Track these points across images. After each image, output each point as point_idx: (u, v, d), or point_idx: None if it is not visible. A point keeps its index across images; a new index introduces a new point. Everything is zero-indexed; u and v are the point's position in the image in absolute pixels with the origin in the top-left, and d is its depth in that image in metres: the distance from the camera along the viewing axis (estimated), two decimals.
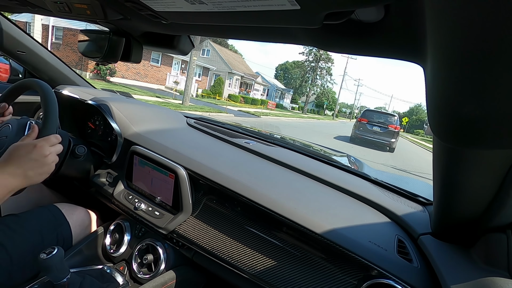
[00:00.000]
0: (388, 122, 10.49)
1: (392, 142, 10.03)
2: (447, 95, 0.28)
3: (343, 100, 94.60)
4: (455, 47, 0.23)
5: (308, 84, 42.85)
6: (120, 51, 0.80)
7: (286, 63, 49.81)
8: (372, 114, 10.97)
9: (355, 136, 10.82)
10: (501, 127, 0.27)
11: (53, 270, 0.66)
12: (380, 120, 10.56)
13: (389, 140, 10.08)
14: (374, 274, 0.62)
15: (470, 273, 0.52)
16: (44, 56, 1.37)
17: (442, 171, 0.48)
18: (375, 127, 10.45)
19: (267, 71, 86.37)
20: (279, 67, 56.51)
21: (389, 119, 10.65)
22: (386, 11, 0.35)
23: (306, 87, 43.10)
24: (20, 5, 0.78)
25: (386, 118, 10.74)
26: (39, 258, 0.64)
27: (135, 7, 0.50)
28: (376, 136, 10.33)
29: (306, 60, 42.39)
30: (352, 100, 52.91)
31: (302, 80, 43.86)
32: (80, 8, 0.60)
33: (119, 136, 1.04)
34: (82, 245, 0.95)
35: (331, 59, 41.84)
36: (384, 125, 10.40)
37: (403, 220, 0.76)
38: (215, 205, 0.87)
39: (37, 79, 0.81)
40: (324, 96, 46.01)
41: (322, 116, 45.28)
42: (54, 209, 0.92)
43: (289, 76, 48.22)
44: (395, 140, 10.06)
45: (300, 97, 43.15)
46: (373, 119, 10.62)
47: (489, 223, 0.52)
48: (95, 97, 1.14)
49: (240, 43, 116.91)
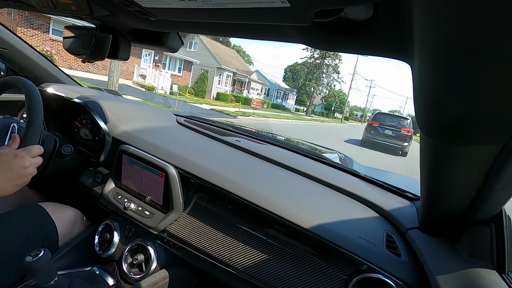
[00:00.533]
0: (400, 125, 10.19)
1: (405, 146, 9.73)
2: (433, 92, 0.29)
3: (355, 103, 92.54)
4: (442, 45, 0.24)
5: (312, 83, 36.67)
6: (107, 48, 0.78)
7: (295, 64, 44.55)
8: (384, 117, 10.79)
9: (366, 140, 10.61)
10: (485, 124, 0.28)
11: (39, 273, 0.64)
12: (393, 124, 10.30)
13: (402, 144, 9.79)
14: (364, 268, 0.64)
15: (455, 265, 0.54)
16: (27, 53, 1.33)
17: (428, 167, 0.49)
18: (387, 131, 10.20)
19: (278, 73, 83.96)
20: (288, 69, 52.34)
21: (401, 122, 10.34)
22: (374, 9, 0.35)
23: (309, 86, 37.19)
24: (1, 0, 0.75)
25: (399, 121, 10.42)
26: (25, 261, 0.62)
27: (122, 3, 0.49)
28: (388, 139, 10.11)
29: (310, 57, 35.71)
30: (364, 103, 50.14)
31: (305, 79, 37.60)
32: (64, 4, 0.58)
33: (107, 135, 1.02)
34: (70, 247, 0.93)
35: (338, 55, 35.16)
36: (397, 128, 10.10)
37: (392, 215, 0.78)
38: (206, 203, 0.87)
39: (21, 77, 0.79)
40: (331, 97, 40.49)
41: (329, 119, 42.07)
42: (39, 208, 0.90)
43: (297, 77, 43.52)
44: (407, 144, 9.77)
45: (309, 99, 38.42)
46: (385, 122, 10.38)
47: (473, 217, 0.53)
48: (82, 95, 1.11)
49: (252, 47, 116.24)
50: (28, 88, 0.75)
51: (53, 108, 1.16)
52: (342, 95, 46.07)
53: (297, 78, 40.19)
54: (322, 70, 36.01)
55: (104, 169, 1.05)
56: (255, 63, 62.78)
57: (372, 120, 10.96)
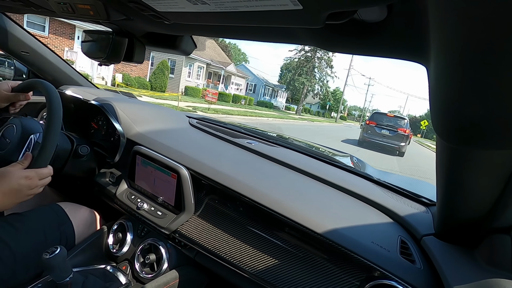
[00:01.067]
0: (397, 125, 10.24)
1: (402, 146, 9.79)
2: (450, 95, 0.28)
3: (354, 103, 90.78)
4: (459, 47, 0.23)
5: (302, 78, 31.37)
6: (123, 52, 0.80)
7: (291, 61, 37.32)
8: (381, 116, 10.80)
9: (363, 140, 10.59)
10: (504, 128, 0.27)
11: (55, 269, 0.66)
12: (390, 123, 10.33)
13: (399, 143, 9.84)
14: (376, 275, 0.62)
15: (473, 274, 0.52)
16: (47, 57, 1.38)
17: (445, 172, 0.48)
18: (384, 130, 10.24)
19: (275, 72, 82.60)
20: (284, 67, 46.37)
21: (399, 122, 10.40)
22: (389, 11, 0.34)
23: (299, 82, 31.62)
24: (24, 5, 0.78)
25: (396, 121, 10.47)
26: (42, 258, 0.65)
27: (138, 7, 0.50)
28: (385, 139, 10.13)
29: (301, 49, 31.42)
30: (363, 103, 47.10)
31: (294, 73, 32.00)
32: (83, 9, 0.60)
33: (122, 136, 1.04)
34: (85, 245, 0.96)
35: None
36: (394, 128, 10.14)
37: (406, 221, 0.76)
38: (217, 205, 0.87)
39: (43, 80, 0.82)
40: (324, 94, 34.50)
41: (323, 118, 40.38)
42: (57, 208, 0.93)
43: (287, 72, 36.77)
44: (404, 144, 9.84)
45: (299, 96, 33.54)
46: (382, 122, 10.42)
47: (492, 224, 0.51)
48: (98, 97, 1.14)
49: (252, 48, 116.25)
50: (49, 91, 0.77)
51: (71, 109, 1.20)
52: (339, 93, 42.42)
53: (286, 73, 34.08)
54: (313, 64, 31.68)
55: (119, 169, 1.08)
56: (251, 61, 60.09)
57: (369, 119, 10.92)
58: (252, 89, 32.84)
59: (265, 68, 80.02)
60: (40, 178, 0.69)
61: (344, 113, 51.08)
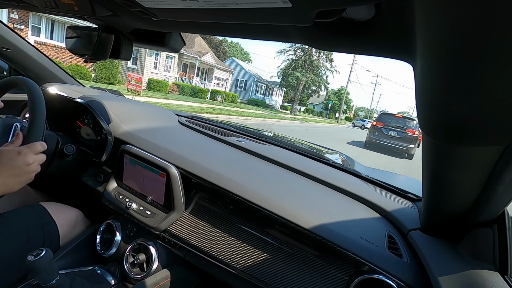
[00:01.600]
0: (406, 126, 9.69)
1: (411, 148, 9.28)
2: (435, 93, 0.29)
3: (361, 104, 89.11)
4: (444, 46, 0.24)
5: (297, 73, 27.74)
6: (109, 48, 0.78)
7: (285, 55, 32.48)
8: (388, 117, 10.31)
9: (370, 141, 10.18)
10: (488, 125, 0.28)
11: (41, 272, 0.65)
12: (398, 125, 9.80)
13: (407, 146, 9.35)
14: (365, 269, 0.63)
15: (457, 266, 0.54)
16: (30, 53, 1.33)
17: (431, 168, 0.49)
18: (392, 132, 9.74)
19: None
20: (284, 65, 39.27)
21: (407, 123, 9.84)
22: (376, 9, 0.35)
23: (293, 77, 27.99)
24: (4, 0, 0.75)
25: (404, 122, 9.90)
26: (27, 260, 0.63)
27: (125, 3, 0.49)
28: (392, 141, 9.64)
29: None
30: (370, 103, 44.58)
31: (288, 67, 28.60)
32: (67, 4, 0.59)
33: (109, 134, 1.02)
34: (72, 246, 0.93)
35: None
36: (402, 129, 9.62)
37: (393, 216, 0.77)
38: (207, 203, 0.87)
39: (24, 77, 0.79)
40: (325, 91, 30.10)
41: (323, 119, 35.86)
42: (40, 208, 0.90)
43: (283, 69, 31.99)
44: (414, 146, 9.31)
45: (295, 93, 29.65)
46: (389, 123, 9.93)
47: (476, 219, 0.53)
48: (84, 95, 1.12)
49: (256, 47, 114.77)
50: (30, 88, 0.75)
51: (56, 108, 1.16)
52: (344, 92, 38.80)
53: (283, 70, 29.40)
54: (310, 57, 28.19)
55: (106, 168, 1.06)
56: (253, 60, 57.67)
57: (376, 120, 10.54)
58: (243, 86, 29.27)
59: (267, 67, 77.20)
60: (34, 153, 0.66)
61: (350, 113, 49.15)
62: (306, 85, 28.62)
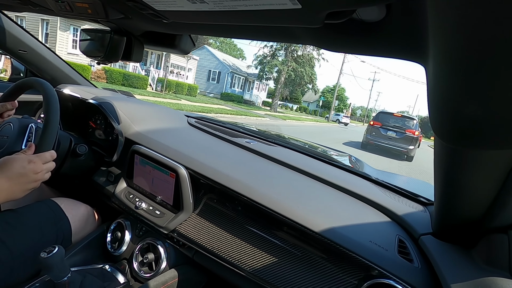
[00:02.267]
0: (405, 126, 9.07)
1: (410, 149, 8.69)
2: (448, 95, 0.28)
3: (360, 103, 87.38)
4: (457, 47, 0.23)
5: (275, 61, 23.37)
6: (121, 51, 0.80)
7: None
8: (387, 117, 9.62)
9: (367, 142, 9.52)
10: (502, 128, 0.27)
11: (53, 269, 0.66)
12: (396, 124, 9.16)
13: (406, 147, 8.76)
14: (374, 274, 0.62)
15: (471, 273, 0.52)
16: (45, 55, 1.37)
17: (443, 171, 0.48)
18: (390, 132, 9.11)
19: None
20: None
21: (406, 123, 9.22)
22: (387, 10, 0.34)
23: (270, 65, 23.31)
24: (22, 4, 0.78)
25: (404, 121, 9.27)
26: (40, 257, 0.65)
27: (137, 6, 0.50)
28: (391, 142, 9.03)
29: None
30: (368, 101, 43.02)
31: (266, 56, 23.90)
32: (81, 7, 0.60)
33: (120, 135, 1.04)
34: (83, 244, 0.95)
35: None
36: (401, 129, 8.98)
37: (404, 220, 0.76)
38: (216, 204, 0.87)
39: (40, 79, 0.81)
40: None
41: (311, 117, 32.10)
42: (53, 204, 0.92)
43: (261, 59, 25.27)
44: (413, 147, 8.73)
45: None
46: (388, 123, 9.26)
47: (490, 224, 0.51)
48: (96, 96, 1.14)
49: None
50: (46, 90, 0.77)
51: (69, 108, 1.19)
52: (340, 90, 35.57)
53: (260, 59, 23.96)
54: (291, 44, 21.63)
55: (117, 168, 1.07)
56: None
57: (373, 120, 9.76)
58: (216, 78, 25.35)
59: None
60: (43, 162, 0.69)
61: (347, 112, 45.79)
62: (287, 76, 23.57)
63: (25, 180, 0.65)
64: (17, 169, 0.63)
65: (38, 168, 0.67)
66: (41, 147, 0.71)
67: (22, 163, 0.64)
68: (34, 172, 0.66)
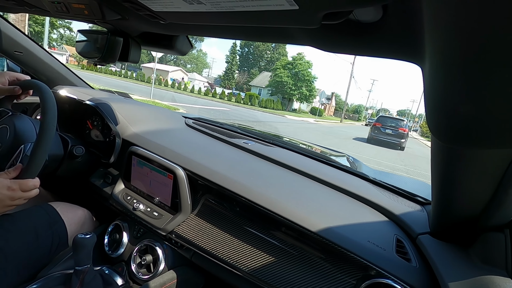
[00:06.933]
0: (398, 125, 12.70)
1: (402, 142, 12.29)
2: (444, 95, 0.29)
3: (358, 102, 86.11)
4: (452, 47, 0.23)
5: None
6: (118, 52, 0.80)
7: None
8: (385, 119, 13.51)
9: (371, 138, 13.12)
10: (498, 127, 0.27)
11: (83, 251, 0.68)
12: (392, 124, 12.82)
13: (399, 140, 12.28)
14: (373, 273, 0.63)
15: (468, 272, 0.52)
16: (41, 57, 1.37)
17: (440, 171, 0.48)
18: (388, 130, 12.67)
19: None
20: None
21: (399, 123, 12.92)
22: (384, 11, 0.35)
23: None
24: (17, 5, 0.77)
25: (397, 122, 13.01)
26: (76, 237, 0.68)
27: (133, 7, 0.50)
28: (388, 137, 12.53)
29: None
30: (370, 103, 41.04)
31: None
32: (77, 8, 0.60)
33: (117, 136, 1.03)
34: None
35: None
36: (395, 128, 12.59)
37: (402, 220, 0.76)
38: (214, 205, 0.87)
39: (38, 82, 0.80)
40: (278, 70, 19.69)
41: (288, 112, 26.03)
42: (49, 207, 0.91)
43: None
44: (404, 140, 12.39)
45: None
46: (386, 123, 12.91)
47: (487, 223, 0.52)
48: (93, 97, 1.13)
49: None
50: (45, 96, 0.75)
51: (66, 110, 1.18)
52: (301, 64, 25.20)
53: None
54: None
55: (114, 170, 1.07)
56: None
57: (375, 121, 13.63)
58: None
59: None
60: (23, 190, 0.68)
61: (326, 106, 33.42)
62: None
63: (0, 204, 0.65)
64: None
65: (16, 196, 0.67)
66: (25, 174, 0.70)
67: (0, 189, 0.65)
68: (11, 199, 0.66)
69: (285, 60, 27.18)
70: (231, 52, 24.26)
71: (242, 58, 23.32)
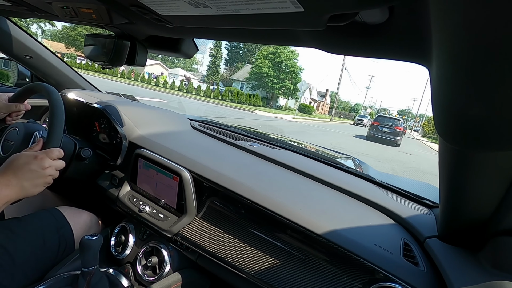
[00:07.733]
0: (394, 124, 14.04)
1: (398, 139, 13.59)
2: (452, 97, 0.28)
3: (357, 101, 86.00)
4: (461, 48, 0.23)
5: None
6: (125, 55, 0.81)
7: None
8: (383, 118, 14.81)
9: (370, 135, 14.43)
10: (507, 129, 0.27)
11: (89, 252, 0.69)
12: (389, 123, 14.16)
13: (395, 138, 13.58)
14: (379, 277, 0.62)
15: (477, 276, 0.51)
16: (50, 60, 1.39)
17: (448, 174, 0.47)
18: (385, 128, 14.01)
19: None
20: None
21: (395, 122, 14.22)
22: (390, 12, 0.34)
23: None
24: (28, 10, 0.79)
25: (393, 121, 14.32)
26: (83, 238, 0.68)
27: (140, 11, 0.50)
28: (385, 135, 13.85)
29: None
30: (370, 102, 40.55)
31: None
32: (86, 13, 0.61)
33: (124, 139, 1.04)
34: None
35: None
36: (392, 127, 13.95)
37: (409, 223, 0.75)
38: (219, 207, 0.87)
39: (45, 84, 0.82)
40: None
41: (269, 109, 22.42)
42: (56, 212, 0.93)
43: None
44: (400, 137, 13.73)
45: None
46: (383, 123, 14.26)
47: (497, 226, 0.51)
48: (101, 100, 1.15)
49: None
50: (51, 94, 0.78)
51: (74, 113, 1.20)
52: (285, 54, 21.81)
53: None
54: None
55: (121, 172, 1.08)
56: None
57: (374, 121, 15.02)
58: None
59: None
60: (51, 158, 0.68)
61: (322, 108, 30.41)
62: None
63: (33, 175, 0.64)
64: (23, 165, 0.63)
65: (46, 163, 0.66)
66: (48, 144, 0.71)
67: (27, 159, 0.64)
68: (41, 167, 0.65)
69: (267, 50, 23.27)
70: (215, 45, 22.21)
71: (231, 52, 21.76)
